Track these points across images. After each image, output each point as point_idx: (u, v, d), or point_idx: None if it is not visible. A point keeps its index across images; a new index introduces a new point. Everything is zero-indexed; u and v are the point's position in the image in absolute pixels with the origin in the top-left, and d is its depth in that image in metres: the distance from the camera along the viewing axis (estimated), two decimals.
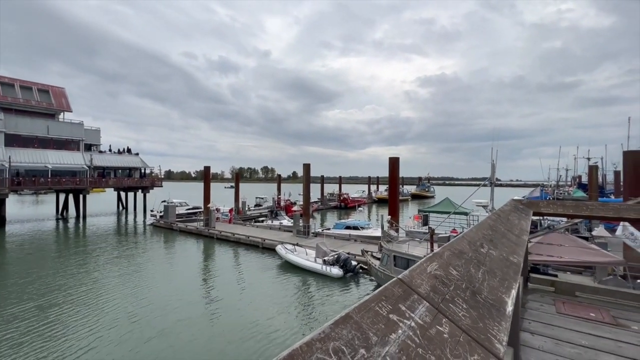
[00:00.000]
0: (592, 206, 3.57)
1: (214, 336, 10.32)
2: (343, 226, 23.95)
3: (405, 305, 0.72)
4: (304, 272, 16.64)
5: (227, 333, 10.51)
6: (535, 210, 3.85)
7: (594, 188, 28.09)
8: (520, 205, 3.79)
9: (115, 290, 14.46)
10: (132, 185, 43.27)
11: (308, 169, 24.28)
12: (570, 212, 3.60)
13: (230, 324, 11.23)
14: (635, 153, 13.29)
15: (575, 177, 55.03)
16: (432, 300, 0.78)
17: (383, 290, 0.74)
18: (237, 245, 23.61)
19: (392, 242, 13.23)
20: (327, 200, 55.57)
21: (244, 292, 14.56)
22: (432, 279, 0.90)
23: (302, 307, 12.65)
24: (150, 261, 19.79)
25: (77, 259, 19.88)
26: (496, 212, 2.88)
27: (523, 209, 3.72)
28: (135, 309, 12.30)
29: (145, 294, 13.96)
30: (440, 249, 1.17)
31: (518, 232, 2.47)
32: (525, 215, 3.40)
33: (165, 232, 29.87)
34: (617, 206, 3.41)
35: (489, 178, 12.71)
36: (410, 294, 0.77)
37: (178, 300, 13.22)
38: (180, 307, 12.52)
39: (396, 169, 17.56)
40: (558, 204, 3.83)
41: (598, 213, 3.49)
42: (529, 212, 3.66)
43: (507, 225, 2.49)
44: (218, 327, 10.97)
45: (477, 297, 0.92)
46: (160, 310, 12.18)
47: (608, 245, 13.06)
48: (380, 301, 0.69)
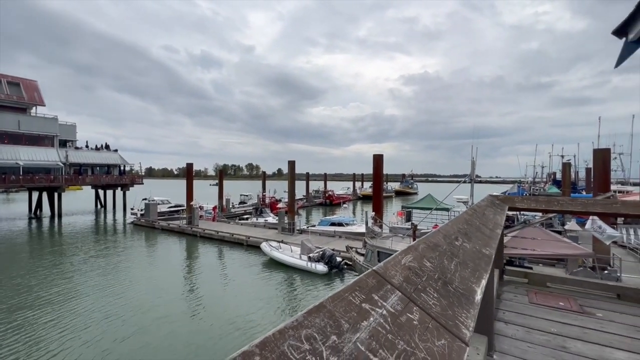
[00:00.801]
0: (562, 201, 3.76)
1: (193, 332, 10.23)
2: (328, 223, 24.07)
3: (378, 294, 0.75)
4: (288, 269, 16.65)
5: (207, 329, 10.47)
6: (511, 206, 4.00)
7: (567, 184, 29.45)
8: (497, 201, 3.94)
9: (90, 290, 14.02)
10: (110, 183, 41.82)
11: (293, 166, 24.21)
12: (543, 207, 3.78)
13: (211, 320, 11.17)
14: (604, 151, 14.06)
15: (550, 174, 57.41)
16: (405, 290, 0.82)
17: (357, 281, 0.77)
18: (221, 243, 23.32)
19: (376, 238, 13.43)
20: (312, 197, 55.63)
21: (226, 289, 14.46)
22: (405, 270, 0.94)
23: (285, 303, 12.70)
24: (129, 260, 19.27)
25: (50, 259, 19.09)
26: (473, 207, 2.98)
27: (499, 204, 3.86)
28: (111, 309, 11.98)
29: (122, 293, 13.61)
30: (415, 242, 1.22)
31: (492, 226, 2.58)
32: (501, 210, 3.54)
33: (146, 231, 29.10)
34: (585, 201, 3.62)
35: (469, 175, 13.12)
36: (383, 285, 0.80)
37: (157, 299, 12.99)
38: (159, 305, 12.31)
39: (380, 166, 17.79)
40: (532, 199, 4.01)
41: (568, 208, 3.68)
42: (504, 207, 3.81)
43: (483, 219, 2.59)
44: (198, 324, 10.90)
45: (448, 287, 0.97)
46: (137, 309, 11.94)
47: (579, 238, 13.76)
48: (354, 291, 0.72)
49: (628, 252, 15.44)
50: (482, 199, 3.80)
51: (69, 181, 36.82)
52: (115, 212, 43.87)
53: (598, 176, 13.84)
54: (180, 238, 25.74)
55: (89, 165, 41.29)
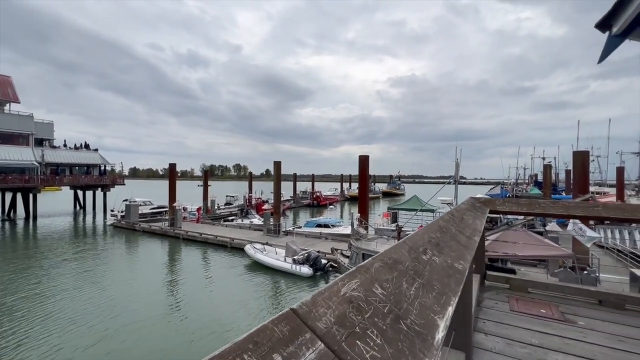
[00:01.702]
0: (544, 204, 3.63)
1: (162, 338, 9.84)
2: (314, 224, 23.82)
3: (286, 353, 0.51)
4: (273, 272, 16.31)
5: (179, 335, 10.11)
6: (492, 209, 3.86)
7: (548, 186, 30.17)
8: (477, 204, 3.79)
9: (59, 295, 13.35)
10: (90, 184, 40.35)
11: (279, 167, 23.86)
12: (524, 210, 3.64)
13: (184, 325, 10.79)
14: (584, 153, 14.34)
15: (531, 176, 58.91)
16: (332, 338, 0.59)
17: (256, 333, 0.53)
18: (204, 245, 22.72)
19: (361, 240, 13.26)
20: (299, 199, 55.27)
21: (206, 293, 14.02)
22: (343, 303, 0.71)
23: (265, 308, 12.37)
24: (105, 263, 18.53)
25: (18, 263, 18.11)
26: (450, 212, 2.80)
27: (480, 207, 3.71)
28: (78, 314, 11.40)
29: (92, 298, 13.03)
30: (369, 260, 0.99)
31: (470, 232, 2.39)
32: (481, 213, 3.38)
33: (126, 233, 28.13)
34: (566, 204, 3.50)
35: (453, 176, 13.13)
36: (300, 333, 0.57)
37: (130, 303, 12.53)
38: (131, 310, 11.85)
39: (366, 167, 17.67)
40: (513, 202, 3.87)
41: (549, 211, 3.55)
42: (485, 210, 3.65)
43: (460, 225, 2.41)
44: (169, 329, 10.53)
45: (400, 324, 0.74)
46: (106, 315, 11.42)
47: (559, 240, 13.98)
48: (245, 352, 0.48)
49: (606, 252, 15.81)
50: (463, 202, 3.64)
51: (45, 181, 35.28)
52: (96, 213, 42.35)
53: (577, 178, 14.10)
54: (162, 240, 24.97)
55: (67, 165, 39.71)
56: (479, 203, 3.82)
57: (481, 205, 3.75)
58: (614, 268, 13.50)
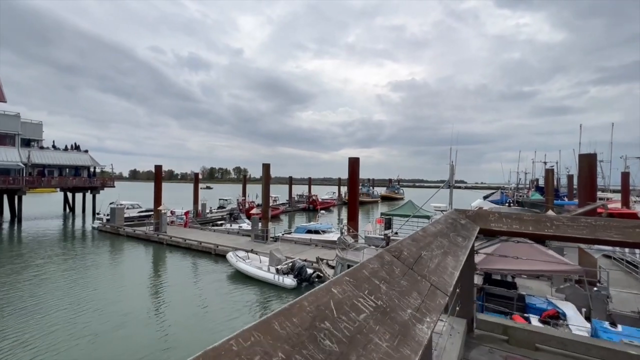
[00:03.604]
0: (558, 221, 2.52)
1: (121, 350, 8.69)
2: (304, 230, 22.67)
3: None
4: (255, 282, 15.15)
5: (139, 347, 9.02)
6: (484, 227, 2.73)
7: (550, 191, 28.99)
8: (463, 219, 2.67)
9: (24, 302, 12.29)
10: (78, 186, 39.24)
11: (268, 169, 22.77)
12: (530, 230, 2.53)
13: (145, 338, 9.76)
14: (591, 156, 13.21)
15: (533, 180, 57.74)
16: None
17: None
18: (188, 251, 21.56)
19: (346, 250, 12.13)
20: (295, 202, 54.12)
21: (178, 304, 12.91)
22: None
23: (239, 322, 11.21)
24: (82, 268, 17.52)
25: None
26: (414, 237, 1.67)
27: (466, 225, 2.59)
28: (41, 323, 10.52)
29: (57, 306, 12.02)
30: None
31: (449, 274, 1.31)
32: (467, 235, 2.26)
33: (110, 238, 27.00)
34: (592, 222, 2.41)
35: (448, 180, 11.97)
36: None
37: (92, 313, 11.48)
38: (90, 322, 10.75)
39: (356, 171, 16.52)
40: (514, 216, 2.76)
41: (566, 231, 2.44)
42: (473, 230, 2.54)
43: (431, 254, 1.32)
44: (128, 341, 9.50)
45: None
46: (69, 324, 10.43)
47: (564, 250, 12.82)
48: None
49: (613, 263, 14.65)
50: (442, 216, 2.53)
51: (31, 183, 34.19)
52: (85, 216, 41.24)
53: (584, 182, 12.98)
54: (146, 246, 23.83)
55: (55, 166, 38.64)
56: (465, 218, 2.71)
57: (468, 223, 2.64)
58: (625, 281, 12.36)
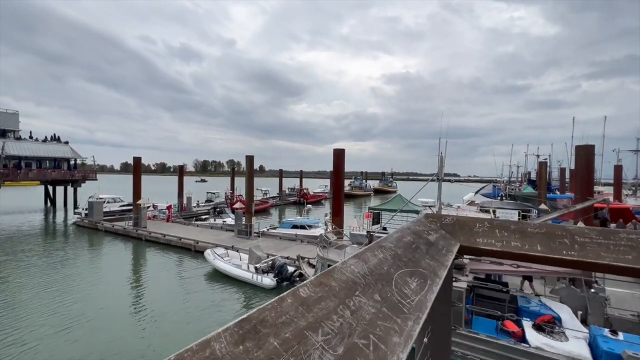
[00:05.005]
0: (583, 236, 1.57)
1: None
2: (290, 225, 21.74)
3: None
4: (233, 282, 14.23)
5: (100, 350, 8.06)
6: (466, 243, 1.73)
7: (543, 185, 28.41)
8: (434, 231, 1.67)
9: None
10: (58, 179, 37.65)
11: (251, 161, 21.68)
12: (539, 251, 1.58)
13: (114, 343, 8.76)
14: (588, 148, 12.40)
15: (525, 174, 57.48)
16: None
17: None
18: (167, 248, 20.52)
19: (327, 248, 11.23)
20: (286, 196, 53.12)
21: (149, 305, 11.95)
22: None
23: (211, 325, 10.30)
24: (54, 266, 16.47)
25: None
26: (360, 255, 0.63)
27: (437, 240, 1.59)
28: None
29: (18, 306, 11.04)
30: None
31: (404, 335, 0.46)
32: (440, 259, 1.26)
33: (89, 233, 25.78)
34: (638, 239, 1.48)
35: (437, 173, 11.07)
36: None
37: (50, 316, 10.46)
38: (51, 325, 9.74)
39: (341, 163, 15.52)
40: (512, 227, 1.80)
41: (598, 255, 1.49)
42: (449, 249, 1.53)
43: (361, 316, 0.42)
44: (88, 345, 8.58)
45: None
46: (28, 326, 9.42)
47: None
48: None
49: None
50: (398, 230, 1.54)
51: (5, 176, 32.59)
52: (67, 210, 39.73)
53: (580, 175, 12.20)
54: (125, 241, 22.71)
55: (33, 158, 36.97)
56: (438, 230, 1.74)
57: (441, 237, 1.66)
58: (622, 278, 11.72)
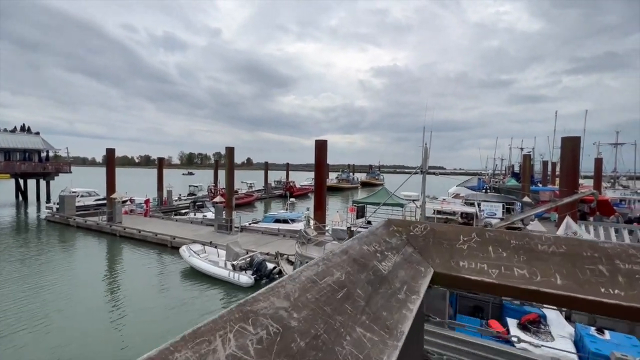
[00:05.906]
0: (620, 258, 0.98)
1: None
2: (272, 219, 21.06)
3: None
4: (210, 280, 13.51)
5: None
6: (442, 270, 1.08)
7: (527, 177, 28.56)
8: (400, 249, 1.00)
9: None
10: (28, 171, 35.62)
11: (232, 153, 20.75)
12: (557, 289, 0.99)
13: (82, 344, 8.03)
14: (574, 139, 12.12)
15: (509, 167, 58.26)
16: None
17: None
18: (142, 244, 19.52)
19: (307, 244, 10.64)
20: (272, 189, 52.23)
21: (118, 305, 11.16)
22: None
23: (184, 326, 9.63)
24: (19, 264, 15.34)
25: None
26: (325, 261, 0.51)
27: (406, 259, 0.93)
28: None
29: None
30: None
31: None
32: (403, 302, 0.74)
33: (60, 228, 24.39)
34: None
35: (421, 165, 10.56)
36: None
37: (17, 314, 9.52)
38: (18, 324, 8.81)
39: (323, 155, 14.87)
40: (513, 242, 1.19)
41: None
42: (418, 275, 0.87)
43: None
44: None
45: None
46: None
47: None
48: None
49: None
50: (376, 226, 0.86)
51: None
52: (40, 205, 37.77)
53: (566, 167, 11.94)
54: (98, 237, 21.54)
55: (0, 149, 34.78)
56: (408, 243, 1.10)
57: (409, 259, 1.01)
58: None
